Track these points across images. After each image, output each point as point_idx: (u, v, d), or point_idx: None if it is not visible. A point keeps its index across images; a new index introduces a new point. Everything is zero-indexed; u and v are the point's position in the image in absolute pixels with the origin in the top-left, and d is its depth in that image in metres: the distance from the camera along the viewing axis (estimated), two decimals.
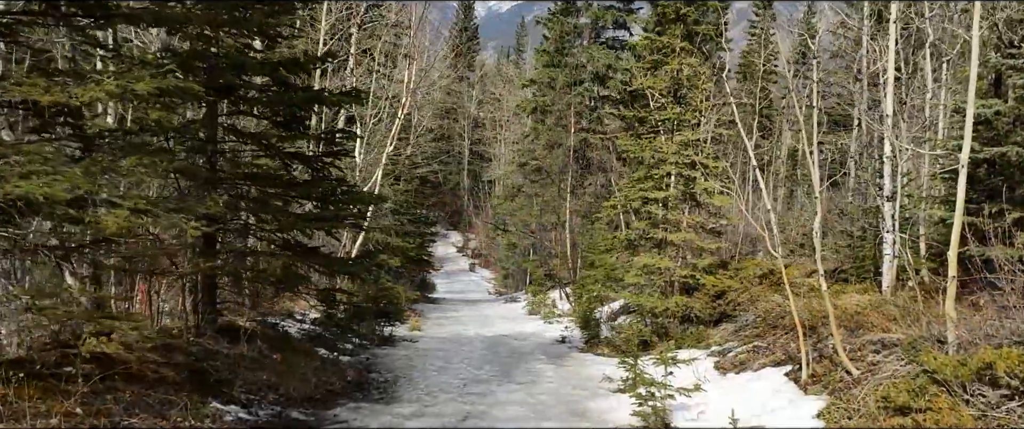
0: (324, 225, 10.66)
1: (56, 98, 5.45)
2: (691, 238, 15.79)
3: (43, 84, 5.54)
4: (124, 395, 7.84)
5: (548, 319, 21.88)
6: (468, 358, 14.43)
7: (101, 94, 5.58)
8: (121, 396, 7.82)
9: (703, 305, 15.51)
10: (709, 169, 16.18)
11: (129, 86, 5.70)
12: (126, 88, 5.66)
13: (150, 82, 6.00)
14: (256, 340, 11.10)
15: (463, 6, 64.51)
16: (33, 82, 5.53)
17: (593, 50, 30.90)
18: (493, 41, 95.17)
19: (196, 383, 9.03)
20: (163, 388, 8.37)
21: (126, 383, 8.12)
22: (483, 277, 45.68)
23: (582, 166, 31.19)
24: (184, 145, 10.92)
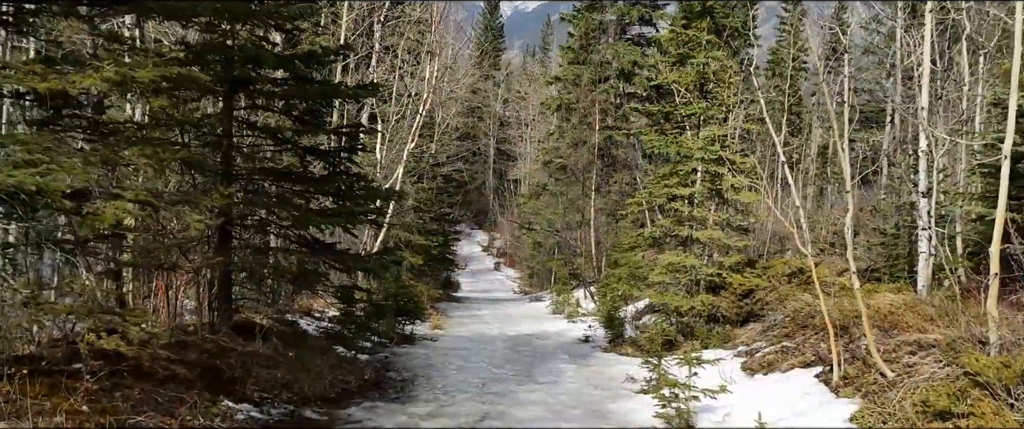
0: (340, 221, 10.42)
1: (53, 85, 5.23)
2: (717, 235, 15.39)
3: (40, 71, 5.32)
4: (133, 392, 7.64)
5: (572, 318, 21.56)
6: (489, 357, 14.15)
7: (98, 81, 5.36)
8: (130, 393, 7.61)
9: (730, 304, 15.11)
10: (736, 165, 15.76)
11: (130, 74, 5.47)
12: (126, 76, 5.43)
13: (153, 70, 5.76)
14: (272, 337, 10.90)
15: (489, 5, 64.25)
16: (29, 69, 5.32)
17: (619, 47, 30.51)
18: (520, 40, 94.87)
19: (208, 381, 8.81)
20: (174, 386, 8.15)
21: (136, 380, 7.91)
22: (508, 276, 45.45)
23: (607, 164, 30.82)
24: (200, 139, 10.76)
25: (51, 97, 6.12)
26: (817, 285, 10.40)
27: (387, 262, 10.82)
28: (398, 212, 20.85)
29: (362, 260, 10.49)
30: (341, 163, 11.05)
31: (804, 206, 14.67)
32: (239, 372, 9.50)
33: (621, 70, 30.47)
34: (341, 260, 10.50)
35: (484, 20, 63.89)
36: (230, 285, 10.83)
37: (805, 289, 14.82)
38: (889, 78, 22.55)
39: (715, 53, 16.04)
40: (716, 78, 16.20)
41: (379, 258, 10.86)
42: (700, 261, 15.50)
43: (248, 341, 10.73)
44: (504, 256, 50.25)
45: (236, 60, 9.85)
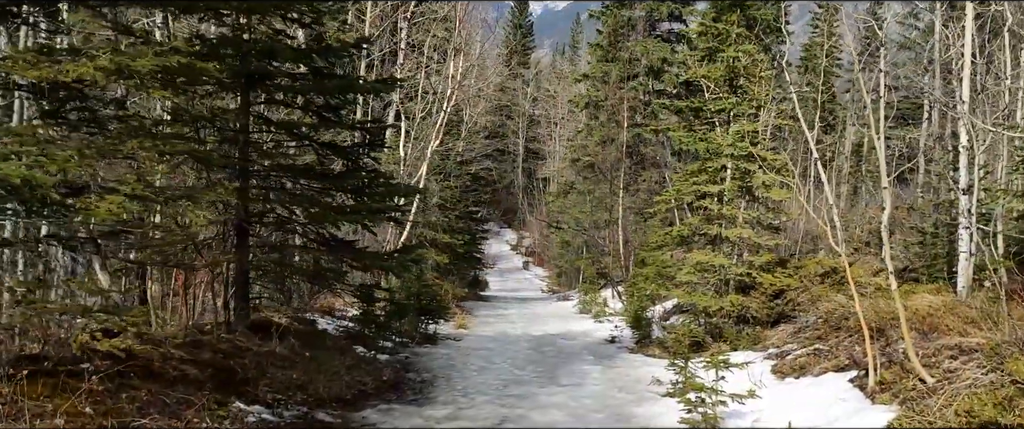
0: (359, 218, 10.15)
1: (44, 73, 4.98)
2: (747, 234, 14.91)
3: (31, 59, 5.08)
4: (140, 394, 7.40)
5: (599, 318, 21.15)
6: (512, 358, 13.81)
7: (92, 70, 5.10)
8: (136, 395, 7.37)
9: (760, 305, 14.64)
10: (767, 162, 15.28)
11: (126, 63, 5.20)
12: (122, 65, 5.17)
13: (152, 60, 5.49)
14: (289, 337, 10.66)
15: (518, 3, 63.88)
16: (20, 57, 5.08)
17: (647, 43, 30.01)
18: (549, 39, 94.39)
19: (220, 381, 8.57)
20: (183, 387, 7.91)
21: (144, 381, 7.68)
22: (537, 275, 45.08)
23: (636, 162, 30.36)
24: (218, 135, 10.55)
25: (52, 89, 5.88)
26: (851, 285, 9.93)
27: (406, 260, 10.53)
28: (422, 210, 20.58)
29: (381, 258, 10.21)
30: (361, 159, 10.78)
31: (837, 204, 14.18)
32: (253, 373, 9.25)
33: (650, 67, 30.00)
34: (359, 258, 10.23)
35: (513, 18, 63.57)
36: (248, 284, 10.60)
37: (839, 289, 14.32)
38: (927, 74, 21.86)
39: (746, 47, 15.55)
40: (746, 73, 15.72)
41: (398, 256, 10.57)
42: (729, 260, 15.05)
43: (265, 341, 10.51)
44: (533, 255, 49.89)
45: (252, 54, 9.60)
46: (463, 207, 25.89)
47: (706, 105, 16.27)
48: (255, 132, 10.47)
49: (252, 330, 10.61)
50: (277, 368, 9.73)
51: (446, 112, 19.48)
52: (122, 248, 10.11)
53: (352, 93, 9.96)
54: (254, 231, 10.75)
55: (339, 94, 10.15)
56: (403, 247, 10.99)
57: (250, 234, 10.47)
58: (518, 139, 58.71)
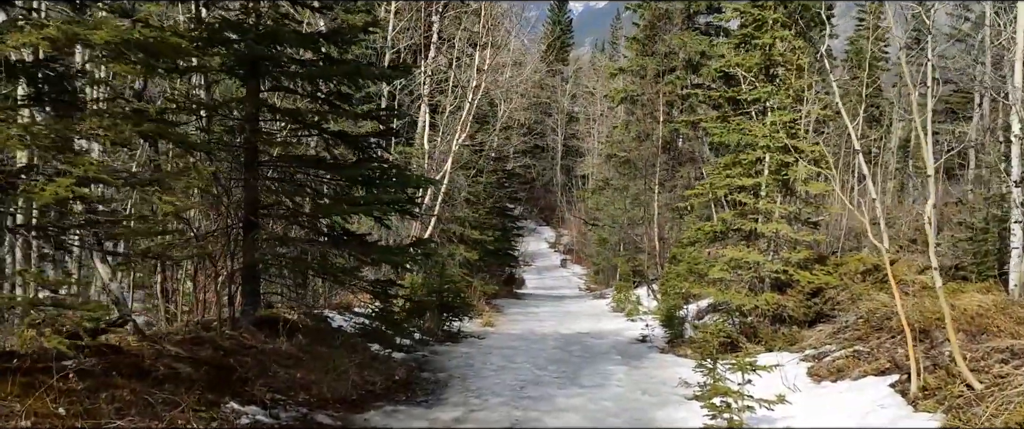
0: (367, 211, 9.62)
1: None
2: (784, 230, 14.10)
3: None
4: (122, 393, 6.92)
5: (631, 316, 20.45)
6: (535, 357, 13.18)
7: (37, 39, 4.60)
8: (118, 394, 6.89)
9: (797, 303, 13.80)
10: (805, 153, 14.44)
11: (75, 32, 4.70)
12: (70, 34, 4.66)
13: (111, 32, 4.98)
14: (297, 334, 10.17)
15: (557, 1, 63.15)
16: None
17: (685, 36, 29.11)
18: (590, 37, 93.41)
19: (216, 380, 8.07)
20: (172, 385, 7.41)
21: (130, 380, 7.20)
22: (574, 273, 44.34)
23: (673, 158, 29.53)
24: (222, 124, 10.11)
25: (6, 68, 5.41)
26: (892, 282, 9.13)
27: (418, 255, 9.97)
28: (450, 205, 20.05)
29: (392, 252, 9.67)
30: (372, 149, 10.26)
31: (882, 199, 13.32)
32: (254, 371, 8.75)
33: (688, 61, 29.12)
34: (368, 252, 9.69)
35: (552, 15, 62.84)
36: (256, 279, 10.13)
37: (881, 288, 13.44)
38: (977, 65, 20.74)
39: (783, 33, 14.70)
40: (784, 61, 14.86)
41: (410, 251, 10.02)
42: (764, 257, 14.25)
43: (272, 338, 10.04)
44: (571, 253, 49.14)
45: (255, 39, 9.12)
46: (493, 202, 25.28)
47: (741, 94, 15.44)
48: (263, 121, 9.99)
49: (259, 327, 10.15)
50: (281, 367, 9.24)
51: (473, 105, 18.86)
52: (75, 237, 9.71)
53: (360, 79, 9.43)
54: (263, 224, 10.27)
55: (348, 80, 9.62)
56: (416, 240, 10.44)
57: (257, 227, 9.99)
58: (557, 136, 57.96)
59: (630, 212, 29.87)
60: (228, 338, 9.42)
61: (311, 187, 10.14)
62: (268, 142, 9.67)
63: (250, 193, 9.82)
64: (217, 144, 9.29)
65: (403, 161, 19.34)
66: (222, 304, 9.66)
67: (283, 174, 9.91)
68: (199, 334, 9.20)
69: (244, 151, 9.85)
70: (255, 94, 9.73)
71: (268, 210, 9.99)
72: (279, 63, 9.71)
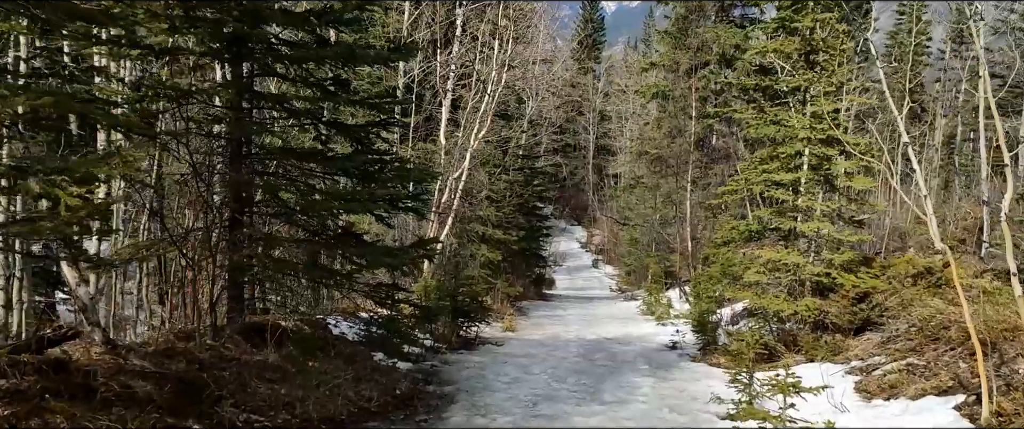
0: (360, 207, 8.56)
1: None
2: (826, 229, 12.83)
3: None
4: (55, 419, 5.92)
5: (662, 320, 19.23)
6: (554, 367, 12.04)
7: None
8: (52, 421, 5.90)
9: (841, 309, 12.51)
10: (849, 146, 13.14)
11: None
12: None
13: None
14: (288, 344, 9.15)
15: None
16: None
17: (719, 29, 27.74)
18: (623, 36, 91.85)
19: (180, 400, 7.05)
20: (123, 408, 6.42)
21: (71, 402, 6.21)
22: (606, 274, 43.07)
23: (706, 155, 28.18)
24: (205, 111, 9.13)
25: None
26: (958, 287, 7.86)
27: (416, 256, 8.91)
28: (469, 203, 18.98)
29: (388, 254, 8.60)
30: (370, 139, 9.21)
31: (930, 195, 12.01)
32: (230, 388, 7.73)
33: (722, 54, 27.73)
34: (362, 253, 8.64)
35: (584, 12, 61.53)
36: (241, 282, 9.13)
37: (934, 292, 12.11)
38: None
39: (823, 16, 13.40)
40: (825, 46, 13.55)
41: (409, 251, 8.96)
42: (805, 258, 12.98)
43: (260, 347, 9.04)
44: (603, 253, 47.82)
45: (235, 16, 8.12)
46: (518, 201, 24.16)
47: (779, 83, 14.15)
48: (249, 107, 8.99)
49: (248, 335, 9.14)
50: (264, 381, 8.22)
51: (493, 99, 17.74)
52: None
53: (357, 62, 8.40)
54: (251, 222, 9.27)
55: (343, 64, 8.59)
56: (418, 241, 9.38)
57: (242, 225, 8.99)
58: (589, 135, 56.62)
59: (662, 211, 28.65)
60: (208, 349, 8.43)
61: (303, 182, 9.12)
62: (255, 132, 8.66)
63: (235, 188, 8.83)
64: (192, 133, 8.30)
65: (423, 158, 18.34)
66: (200, 311, 8.67)
67: (272, 167, 8.91)
68: (174, 345, 8.23)
69: (229, 142, 8.86)
70: (240, 80, 8.73)
71: (256, 207, 8.99)
72: (268, 45, 8.71)
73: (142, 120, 8.62)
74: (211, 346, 8.49)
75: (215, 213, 8.54)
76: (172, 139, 8.43)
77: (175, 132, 8.24)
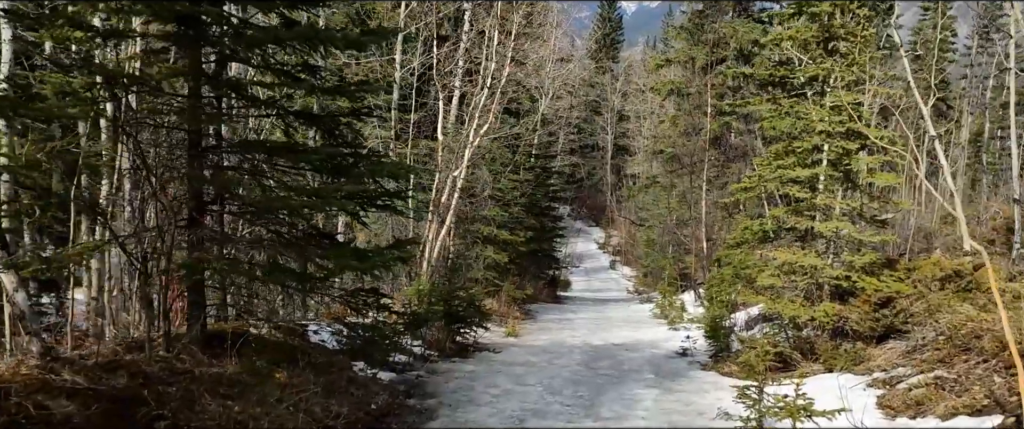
0: (325, 205, 7.70)
1: None
2: (846, 228, 11.80)
3: None
4: None
5: (674, 325, 18.23)
6: (552, 377, 11.10)
7: None
8: None
9: (862, 315, 11.47)
10: (871, 140, 12.10)
11: None
12: None
13: None
14: (251, 354, 8.30)
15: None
16: None
17: (737, 24, 26.71)
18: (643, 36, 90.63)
19: (110, 421, 6.22)
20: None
21: None
22: (623, 275, 42.05)
23: (723, 153, 27.14)
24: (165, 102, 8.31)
25: None
26: (995, 291, 6.85)
27: (391, 258, 8.03)
28: (471, 202, 18.07)
29: (355, 255, 7.73)
30: (341, 130, 8.35)
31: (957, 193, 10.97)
32: (175, 405, 6.88)
33: (739, 50, 26.72)
34: (329, 255, 7.76)
35: (602, 11, 60.45)
36: (201, 286, 8.29)
37: (964, 298, 11.04)
38: None
39: (843, 0, 12.36)
40: (846, 32, 12.51)
41: (382, 253, 8.08)
42: (823, 260, 11.96)
43: (219, 359, 8.19)
44: (620, 254, 46.78)
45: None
46: (528, 201, 23.24)
47: (795, 72, 13.12)
48: (215, 96, 8.16)
49: (209, 344, 8.30)
50: (217, 397, 7.35)
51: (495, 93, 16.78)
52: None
53: (319, 44, 7.54)
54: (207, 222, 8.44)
55: (306, 45, 7.73)
56: (394, 242, 8.51)
57: (202, 225, 8.15)
58: (607, 135, 55.55)
59: (677, 211, 27.63)
60: (159, 361, 7.60)
61: (272, 177, 8.28)
62: (211, 122, 7.83)
63: (194, 184, 7.99)
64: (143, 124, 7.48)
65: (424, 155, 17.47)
66: (154, 317, 7.84)
67: (233, 161, 8.08)
68: (120, 357, 7.40)
69: (187, 134, 8.03)
70: (197, 65, 7.90)
71: (215, 205, 8.15)
72: (228, 28, 7.87)
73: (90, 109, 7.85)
74: (163, 358, 7.65)
75: (167, 211, 7.70)
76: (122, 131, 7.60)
77: (122, 122, 7.42)
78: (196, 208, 8.06)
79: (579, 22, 71.46)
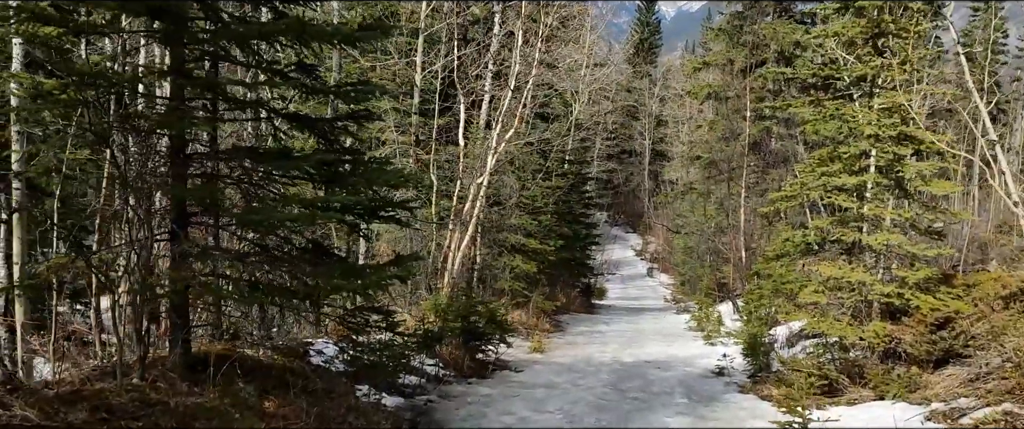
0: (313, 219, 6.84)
1: None
2: (897, 240, 10.68)
3: None
4: None
5: (710, 339, 17.11)
6: (574, 402, 10.13)
7: None
8: None
9: (917, 337, 10.34)
10: (925, 145, 10.97)
11: None
12: None
13: None
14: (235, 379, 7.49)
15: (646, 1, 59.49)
16: None
17: (777, 25, 25.48)
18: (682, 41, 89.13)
19: None
20: None
21: None
22: (660, 283, 40.82)
23: (763, 159, 25.92)
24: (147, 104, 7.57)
25: None
26: None
27: (388, 276, 7.17)
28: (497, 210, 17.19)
29: (345, 273, 6.88)
30: (338, 136, 7.52)
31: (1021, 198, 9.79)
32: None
33: (780, 52, 25.50)
34: (321, 273, 6.92)
35: (640, 16, 59.22)
36: (184, 306, 7.50)
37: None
38: None
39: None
40: (897, 28, 11.38)
41: (379, 270, 7.22)
42: (872, 276, 10.84)
43: (204, 386, 7.39)
44: (658, 261, 45.52)
45: None
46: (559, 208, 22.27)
47: (840, 72, 12.01)
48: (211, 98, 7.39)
49: (192, 370, 7.51)
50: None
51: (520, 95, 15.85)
52: None
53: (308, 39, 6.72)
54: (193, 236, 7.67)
55: (298, 43, 6.92)
56: (396, 257, 7.65)
57: (185, 239, 7.36)
58: (645, 141, 54.29)
59: (715, 218, 26.47)
60: (130, 390, 6.82)
61: (255, 186, 7.47)
62: (193, 126, 7.05)
63: (177, 194, 7.21)
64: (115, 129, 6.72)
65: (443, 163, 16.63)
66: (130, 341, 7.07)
67: (217, 169, 7.28)
68: (86, 386, 6.63)
69: (170, 139, 7.26)
70: (180, 63, 7.12)
71: (197, 218, 7.37)
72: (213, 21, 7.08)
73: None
74: (135, 387, 6.87)
75: (141, 225, 6.93)
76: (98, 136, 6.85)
77: (95, 127, 6.66)
78: (178, 220, 7.28)
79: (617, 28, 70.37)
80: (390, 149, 14.93)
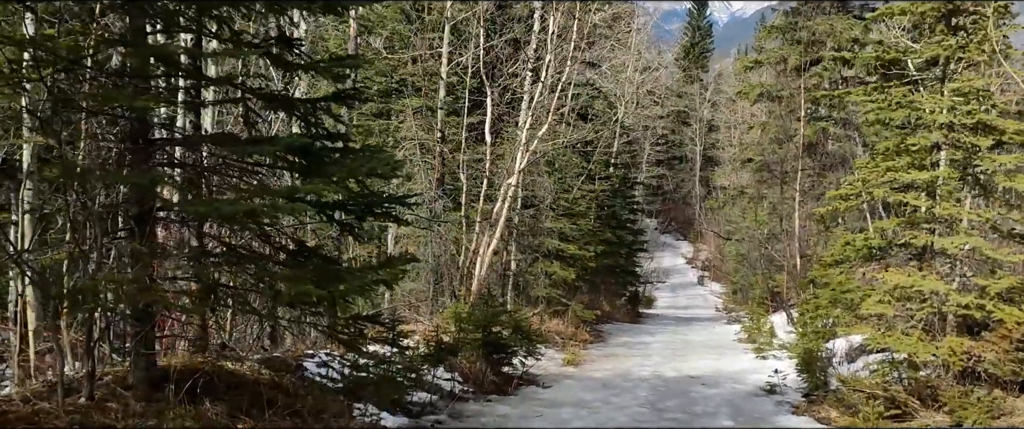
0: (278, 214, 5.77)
1: None
2: (976, 244, 9.19)
3: None
4: None
5: (762, 352, 15.64)
6: (602, 423, 8.86)
7: None
8: None
9: (1000, 355, 8.83)
10: (1008, 136, 9.47)
11: None
12: None
13: None
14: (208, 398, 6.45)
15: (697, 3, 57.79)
16: None
17: (834, 21, 23.87)
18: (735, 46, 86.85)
19: None
20: None
21: None
22: (712, 291, 39.17)
23: (819, 162, 24.28)
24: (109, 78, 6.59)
25: None
26: None
27: (373, 280, 6.08)
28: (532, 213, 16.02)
29: (317, 278, 5.78)
30: (318, 117, 6.45)
31: None
32: None
33: (837, 49, 23.83)
34: (288, 277, 5.84)
35: (691, 19, 57.54)
36: (148, 315, 6.49)
37: None
38: None
39: None
40: (973, 5, 9.90)
41: (359, 274, 6.14)
42: (947, 285, 9.36)
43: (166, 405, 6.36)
44: (709, 269, 43.82)
45: None
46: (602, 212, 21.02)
47: (907, 54, 10.54)
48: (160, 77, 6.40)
49: (157, 387, 6.49)
50: None
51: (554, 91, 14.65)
52: None
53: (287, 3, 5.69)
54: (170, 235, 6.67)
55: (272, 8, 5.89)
56: (388, 259, 6.58)
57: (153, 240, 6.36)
58: (696, 146, 52.52)
59: (767, 224, 24.89)
60: (73, 412, 5.82)
61: (237, 178, 6.45)
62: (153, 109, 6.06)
63: (139, 186, 6.22)
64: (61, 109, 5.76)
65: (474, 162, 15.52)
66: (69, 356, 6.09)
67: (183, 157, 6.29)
68: (17, 408, 5.65)
69: (131, 124, 6.28)
70: (142, 36, 6.15)
71: (160, 212, 6.37)
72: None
73: None
74: (79, 408, 5.88)
75: (94, 221, 5.95)
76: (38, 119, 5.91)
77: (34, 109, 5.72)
78: (138, 217, 6.28)
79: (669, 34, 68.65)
80: (409, 145, 13.87)
